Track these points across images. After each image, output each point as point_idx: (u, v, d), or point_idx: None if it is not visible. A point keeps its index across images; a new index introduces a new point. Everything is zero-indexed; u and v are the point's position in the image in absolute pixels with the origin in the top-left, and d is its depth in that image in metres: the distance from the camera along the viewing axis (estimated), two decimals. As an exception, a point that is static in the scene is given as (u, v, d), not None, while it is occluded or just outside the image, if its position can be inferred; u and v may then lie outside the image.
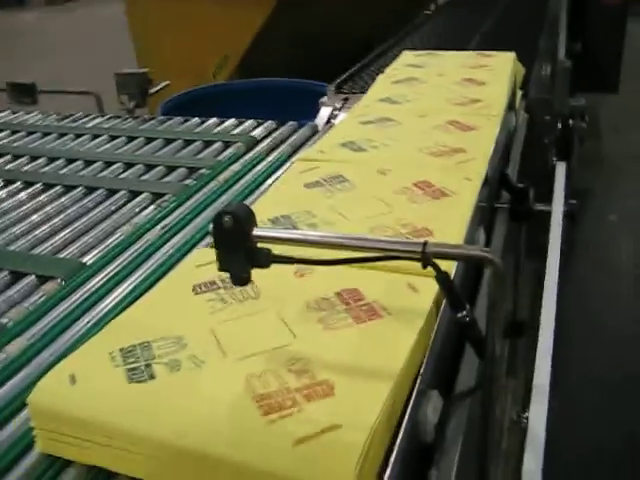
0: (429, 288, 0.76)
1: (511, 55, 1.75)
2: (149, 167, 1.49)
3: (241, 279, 0.71)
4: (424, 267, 0.64)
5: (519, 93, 1.69)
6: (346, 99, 1.89)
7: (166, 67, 2.80)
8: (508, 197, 1.17)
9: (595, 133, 4.65)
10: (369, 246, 0.67)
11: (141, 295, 0.89)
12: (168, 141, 1.64)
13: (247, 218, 0.68)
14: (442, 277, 0.66)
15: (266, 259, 0.70)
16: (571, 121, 1.12)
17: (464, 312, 0.67)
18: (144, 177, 1.45)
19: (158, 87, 1.96)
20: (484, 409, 0.69)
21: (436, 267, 0.65)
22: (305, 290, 0.80)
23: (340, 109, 1.83)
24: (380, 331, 0.72)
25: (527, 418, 1.10)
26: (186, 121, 1.80)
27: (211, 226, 0.69)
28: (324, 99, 1.93)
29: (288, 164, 1.43)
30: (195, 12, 3.26)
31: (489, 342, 0.66)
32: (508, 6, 3.26)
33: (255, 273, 0.69)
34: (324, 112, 1.84)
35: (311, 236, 0.71)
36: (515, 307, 1.18)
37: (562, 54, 2.25)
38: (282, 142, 1.59)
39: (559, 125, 1.12)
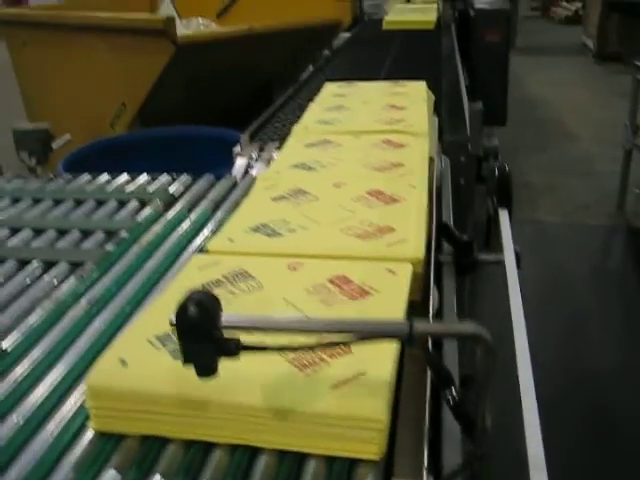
0: (404, 270, 0.93)
1: (422, 83, 2.00)
2: (61, 232, 1.39)
3: (209, 369, 0.64)
4: (410, 348, 0.61)
5: (435, 119, 1.83)
6: (262, 149, 1.85)
7: (59, 120, 2.66)
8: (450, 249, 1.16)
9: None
10: (352, 329, 0.62)
11: (78, 379, 0.88)
12: (78, 202, 1.54)
13: (214, 306, 0.62)
14: (430, 357, 0.63)
15: (236, 348, 0.64)
16: (507, 167, 1.13)
17: (452, 390, 0.64)
18: (58, 244, 1.34)
19: (61, 142, 1.85)
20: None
21: (424, 349, 0.61)
22: (301, 280, 0.92)
23: (257, 159, 1.78)
24: (374, 303, 0.84)
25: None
26: (94, 178, 1.70)
27: (173, 317, 0.62)
28: (237, 149, 1.88)
29: (212, 222, 1.37)
30: (88, 60, 3.12)
31: (479, 420, 0.63)
32: (402, 44, 3.35)
33: (251, 265, 0.89)
34: (240, 163, 1.79)
35: (287, 322, 0.66)
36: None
37: (465, 96, 2.31)
38: (201, 198, 1.52)
39: (496, 172, 1.12)
